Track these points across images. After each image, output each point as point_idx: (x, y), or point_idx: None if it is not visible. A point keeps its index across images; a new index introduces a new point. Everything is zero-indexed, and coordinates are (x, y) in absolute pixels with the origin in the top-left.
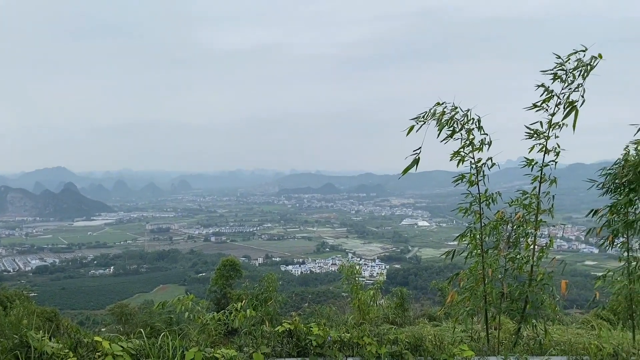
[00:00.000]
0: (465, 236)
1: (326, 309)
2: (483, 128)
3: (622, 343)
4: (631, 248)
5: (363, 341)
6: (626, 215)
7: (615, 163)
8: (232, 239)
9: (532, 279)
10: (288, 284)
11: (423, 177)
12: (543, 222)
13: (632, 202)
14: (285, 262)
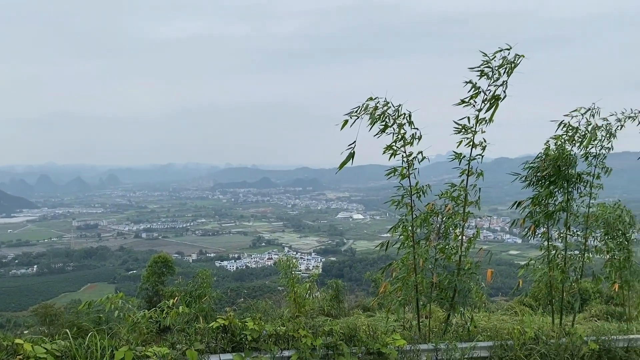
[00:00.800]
0: (397, 228)
1: (262, 304)
2: (414, 123)
3: (543, 327)
4: (551, 237)
5: (298, 334)
6: (546, 206)
7: (536, 157)
8: (165, 235)
9: (461, 269)
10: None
11: (358, 171)
12: (471, 213)
13: (552, 194)
14: (220, 258)
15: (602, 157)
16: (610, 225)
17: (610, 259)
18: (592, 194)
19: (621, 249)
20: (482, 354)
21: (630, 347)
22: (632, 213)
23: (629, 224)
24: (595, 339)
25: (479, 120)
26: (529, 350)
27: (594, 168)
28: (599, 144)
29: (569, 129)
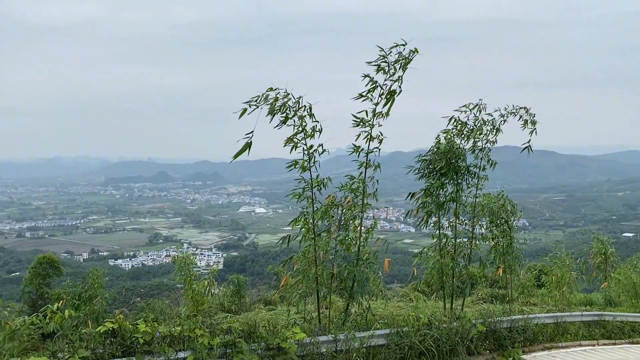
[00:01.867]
0: (298, 221)
1: (159, 303)
2: (315, 115)
3: (435, 312)
4: (442, 226)
5: (195, 334)
6: (438, 197)
7: (429, 151)
8: (52, 233)
9: (359, 259)
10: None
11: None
12: (369, 205)
13: (443, 185)
14: (114, 256)
15: (487, 151)
16: (495, 214)
17: (495, 245)
18: (478, 185)
19: (504, 235)
20: (379, 342)
21: (513, 327)
22: (513, 202)
23: (511, 212)
24: (482, 322)
25: (376, 114)
26: (423, 336)
27: (481, 161)
28: (485, 138)
29: (458, 124)
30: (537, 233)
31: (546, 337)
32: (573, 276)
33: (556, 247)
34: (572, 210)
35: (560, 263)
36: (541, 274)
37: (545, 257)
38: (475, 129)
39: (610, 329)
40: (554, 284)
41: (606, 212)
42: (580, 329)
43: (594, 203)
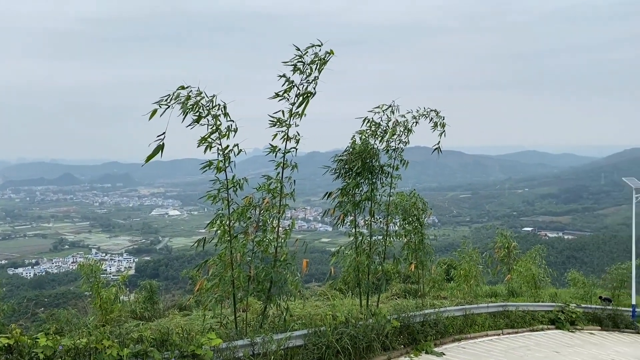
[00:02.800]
0: (214, 223)
1: (64, 313)
2: (229, 115)
3: (352, 310)
4: (358, 225)
5: (102, 345)
6: (354, 196)
7: (345, 151)
8: None
9: (277, 260)
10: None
11: (174, 165)
12: (287, 205)
13: (359, 185)
14: (14, 265)
15: (400, 151)
16: (407, 212)
17: (408, 242)
18: (392, 184)
19: (416, 232)
20: (297, 343)
21: (426, 321)
22: (424, 200)
23: (422, 210)
24: (397, 317)
25: (293, 114)
26: (340, 334)
27: (394, 160)
28: (398, 138)
29: (372, 125)
30: (446, 229)
31: (456, 329)
32: (479, 270)
33: (464, 243)
34: (477, 207)
35: (468, 258)
36: (450, 268)
37: (454, 252)
38: (390, 130)
39: (513, 318)
40: (462, 278)
41: (508, 209)
42: (487, 320)
43: (496, 200)
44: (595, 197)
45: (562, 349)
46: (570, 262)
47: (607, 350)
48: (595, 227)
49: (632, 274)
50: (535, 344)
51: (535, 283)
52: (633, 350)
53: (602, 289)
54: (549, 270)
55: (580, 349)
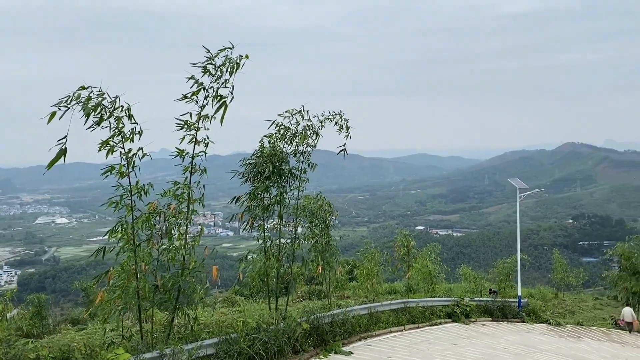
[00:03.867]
0: (116, 231)
1: None
2: (134, 117)
3: (263, 315)
4: (267, 229)
5: None
6: (263, 200)
7: (253, 154)
8: None
9: (185, 268)
10: None
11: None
12: (195, 211)
13: (268, 188)
14: None
15: (308, 154)
16: (314, 214)
17: (315, 244)
18: (300, 187)
19: (323, 234)
20: (208, 352)
21: (334, 322)
22: (330, 203)
23: (328, 212)
24: (306, 319)
25: (202, 117)
26: (252, 340)
27: (302, 164)
28: (306, 142)
29: (281, 129)
30: (346, 230)
31: (362, 327)
32: (381, 268)
33: (366, 243)
34: (374, 207)
35: (370, 257)
36: (353, 268)
37: (357, 252)
38: (302, 134)
39: (414, 314)
40: (364, 277)
41: (402, 208)
42: (390, 317)
43: (392, 201)
44: (480, 196)
45: (460, 341)
46: (460, 258)
47: (498, 340)
48: (480, 224)
49: (517, 267)
50: (435, 338)
51: (431, 279)
52: (520, 338)
53: (491, 282)
54: (443, 266)
55: (475, 340)
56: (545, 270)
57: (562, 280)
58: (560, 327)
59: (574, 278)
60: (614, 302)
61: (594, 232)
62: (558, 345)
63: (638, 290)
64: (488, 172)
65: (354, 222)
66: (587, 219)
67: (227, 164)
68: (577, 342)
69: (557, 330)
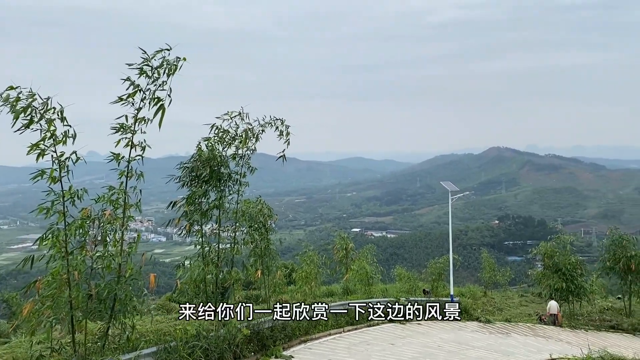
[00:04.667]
0: (47, 239)
1: None
2: (67, 119)
3: (204, 322)
4: (205, 234)
5: None
6: (201, 205)
7: (191, 158)
8: None
9: (121, 276)
10: None
11: None
12: (131, 217)
13: (206, 192)
14: None
15: (247, 158)
16: (254, 219)
17: (254, 249)
18: (240, 191)
19: (262, 238)
20: None
21: (274, 326)
22: (269, 206)
23: (268, 216)
24: (246, 325)
25: (138, 120)
26: (192, 348)
27: (242, 168)
28: (246, 145)
29: (220, 132)
30: (283, 233)
31: (302, 330)
32: (319, 271)
33: (305, 246)
34: (311, 210)
35: (308, 260)
36: (291, 271)
37: (296, 255)
38: (242, 138)
39: (353, 315)
40: (303, 280)
41: (338, 211)
42: (330, 319)
43: (328, 203)
44: (413, 198)
45: (397, 341)
46: (394, 259)
47: (433, 338)
48: (413, 225)
49: (450, 266)
50: (373, 339)
51: (368, 280)
52: (454, 336)
53: (424, 282)
54: (379, 267)
55: (411, 339)
56: (474, 270)
57: (490, 278)
58: (490, 324)
59: (501, 276)
60: (538, 299)
61: (518, 232)
62: (488, 341)
63: (560, 286)
64: (420, 175)
65: (291, 225)
66: (512, 220)
67: (159, 168)
68: (506, 338)
69: (488, 327)
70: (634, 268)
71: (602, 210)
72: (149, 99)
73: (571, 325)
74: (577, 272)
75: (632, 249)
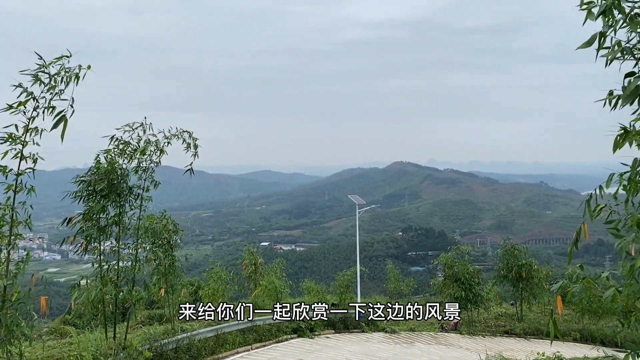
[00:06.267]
0: None
1: None
2: None
3: (101, 346)
4: (104, 252)
5: None
6: (99, 221)
7: (88, 170)
8: None
9: (6, 300)
10: None
11: None
12: (20, 235)
13: (105, 208)
14: None
15: (151, 171)
16: (157, 235)
17: (157, 266)
18: (142, 206)
19: (167, 255)
20: None
21: (179, 347)
22: (175, 221)
23: (173, 232)
24: (148, 347)
25: (30, 130)
26: None
27: (144, 181)
28: (149, 158)
29: (120, 143)
30: (189, 249)
31: (209, 350)
32: (227, 287)
33: (212, 262)
34: (218, 225)
35: (215, 276)
36: (198, 288)
37: (203, 271)
38: (140, 149)
39: (261, 332)
40: (210, 297)
41: (247, 225)
42: (237, 337)
43: (237, 217)
44: (321, 211)
45: (305, 356)
46: (302, 272)
47: (341, 351)
48: (321, 238)
49: (357, 278)
50: (282, 355)
51: (277, 295)
52: (361, 348)
53: (332, 295)
54: (288, 281)
55: (320, 353)
56: (380, 280)
57: (395, 289)
58: (395, 334)
59: (405, 287)
60: None
61: (420, 243)
62: (394, 351)
63: (459, 295)
64: (328, 188)
65: (198, 240)
66: (415, 231)
67: (54, 181)
68: (411, 347)
69: (393, 337)
70: (524, 276)
71: (495, 221)
72: (42, 108)
73: (470, 332)
74: (475, 281)
75: (523, 257)
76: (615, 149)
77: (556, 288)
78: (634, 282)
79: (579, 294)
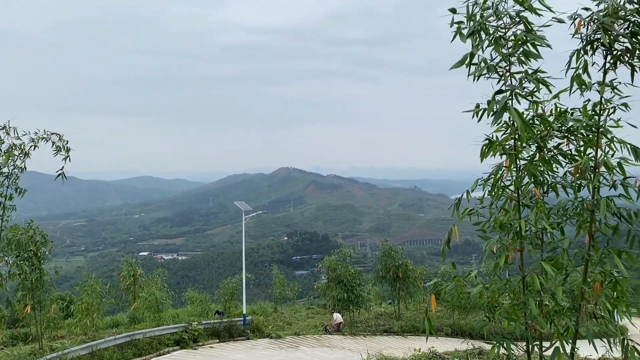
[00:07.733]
0: None
1: None
2: None
3: None
4: None
5: None
6: None
7: None
8: None
9: None
10: None
11: None
12: None
13: None
14: None
15: (15, 177)
16: (23, 247)
17: (22, 281)
18: (4, 216)
19: (34, 269)
20: None
21: None
22: (44, 232)
23: (41, 243)
24: None
25: None
26: None
27: (7, 189)
28: (12, 163)
29: None
30: (59, 261)
31: None
32: (102, 301)
33: (86, 274)
34: (92, 234)
35: (90, 290)
36: (69, 303)
37: (76, 285)
38: (6, 155)
39: (141, 346)
40: (83, 312)
41: (125, 234)
42: (115, 353)
43: (113, 226)
44: (205, 218)
45: None
46: (185, 282)
47: None
48: (205, 246)
49: (242, 285)
50: None
51: (157, 307)
52: (246, 355)
53: (216, 303)
54: (170, 292)
55: None
56: (265, 286)
57: (280, 294)
58: (280, 339)
59: (290, 291)
60: (322, 310)
61: (305, 247)
62: (280, 357)
63: (342, 297)
64: (212, 195)
65: (69, 251)
66: (299, 236)
67: None
68: (296, 352)
69: (278, 343)
70: (401, 275)
71: (374, 224)
72: None
73: (352, 332)
74: (356, 282)
75: (399, 258)
76: (483, 157)
77: (430, 285)
78: (497, 279)
79: (450, 291)
